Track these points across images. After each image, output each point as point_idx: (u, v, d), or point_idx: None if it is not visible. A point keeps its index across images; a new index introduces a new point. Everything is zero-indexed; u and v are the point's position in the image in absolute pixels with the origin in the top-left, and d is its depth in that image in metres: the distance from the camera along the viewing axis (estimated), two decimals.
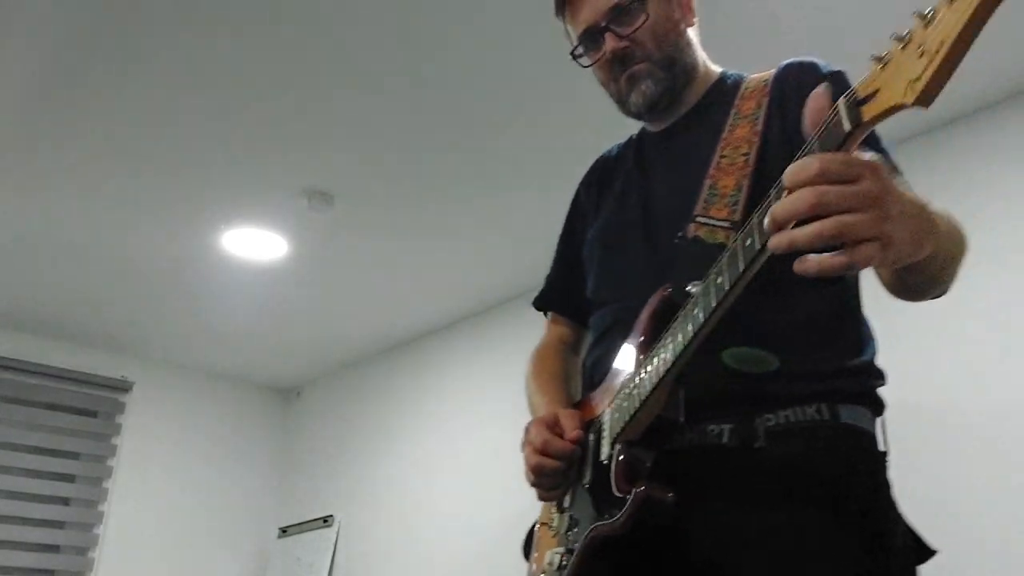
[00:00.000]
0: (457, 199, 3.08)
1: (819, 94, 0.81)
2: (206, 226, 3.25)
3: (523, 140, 2.72)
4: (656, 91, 1.24)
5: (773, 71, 1.22)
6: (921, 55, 0.66)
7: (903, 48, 0.69)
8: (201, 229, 3.27)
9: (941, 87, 0.66)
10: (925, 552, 1.06)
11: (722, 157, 1.16)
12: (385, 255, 3.49)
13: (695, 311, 0.95)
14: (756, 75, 1.25)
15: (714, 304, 0.91)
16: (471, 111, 2.60)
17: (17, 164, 2.84)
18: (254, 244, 3.38)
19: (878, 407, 1.11)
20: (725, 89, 1.27)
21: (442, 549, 3.68)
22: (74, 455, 4.20)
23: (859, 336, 1.13)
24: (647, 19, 1.22)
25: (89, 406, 4.31)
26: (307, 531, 4.42)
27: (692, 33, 1.30)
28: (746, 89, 1.23)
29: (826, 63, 1.19)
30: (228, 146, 2.77)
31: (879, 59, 0.71)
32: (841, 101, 0.75)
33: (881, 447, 1.09)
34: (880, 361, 1.14)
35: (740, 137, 1.16)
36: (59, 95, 2.51)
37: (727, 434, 1.05)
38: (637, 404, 1.04)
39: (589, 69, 1.31)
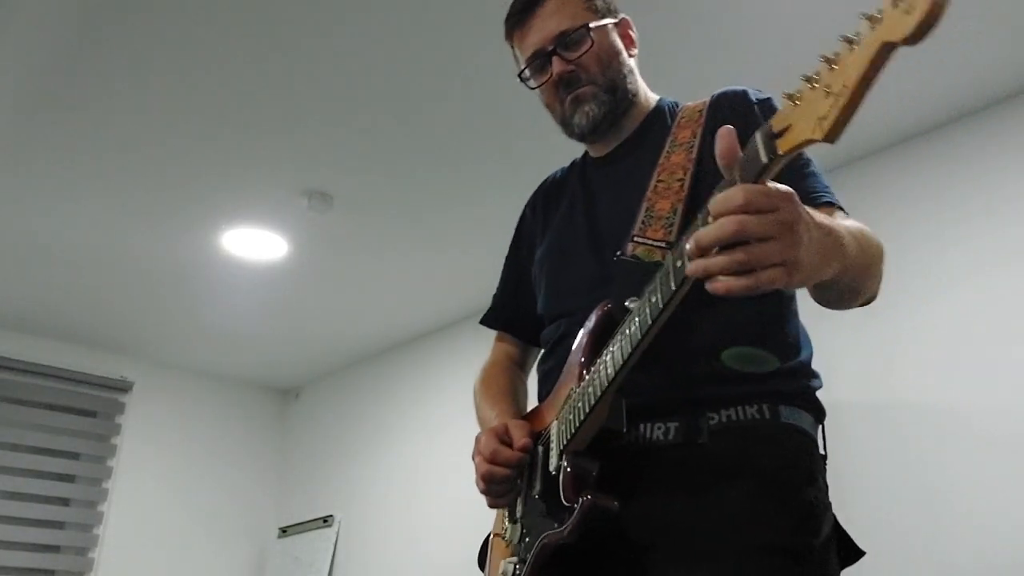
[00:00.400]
0: (457, 200, 3.08)
1: (726, 132, 0.86)
2: (206, 226, 3.26)
3: (525, 142, 2.71)
4: (599, 113, 1.30)
5: (707, 99, 1.30)
6: (828, 95, 0.72)
7: (812, 88, 0.74)
8: (201, 229, 3.28)
9: (846, 124, 0.71)
10: (853, 553, 1.10)
11: (659, 182, 1.22)
12: (385, 255, 3.49)
13: (633, 327, 1.00)
14: (691, 104, 1.32)
15: (650, 321, 0.97)
16: (473, 113, 2.60)
17: (16, 165, 2.85)
18: (254, 244, 3.38)
19: (819, 413, 1.17)
20: (662, 116, 1.34)
21: (442, 549, 3.68)
22: (74, 455, 4.21)
23: (796, 338, 1.20)
24: (592, 45, 1.29)
25: (89, 406, 4.32)
26: (307, 531, 4.43)
27: (633, 63, 1.37)
28: (682, 118, 1.30)
29: (756, 91, 1.26)
30: (228, 146, 2.78)
31: (790, 96, 0.77)
32: (758, 135, 0.81)
33: (822, 451, 1.14)
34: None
35: (676, 163, 1.23)
36: (58, 96, 2.52)
37: (672, 432, 1.10)
38: (582, 417, 1.09)
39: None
